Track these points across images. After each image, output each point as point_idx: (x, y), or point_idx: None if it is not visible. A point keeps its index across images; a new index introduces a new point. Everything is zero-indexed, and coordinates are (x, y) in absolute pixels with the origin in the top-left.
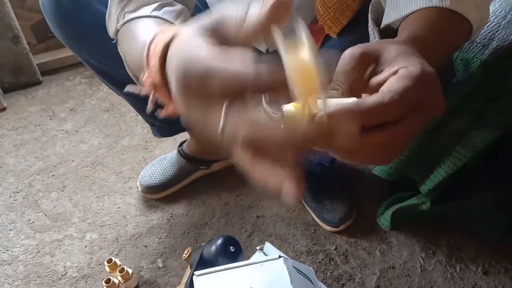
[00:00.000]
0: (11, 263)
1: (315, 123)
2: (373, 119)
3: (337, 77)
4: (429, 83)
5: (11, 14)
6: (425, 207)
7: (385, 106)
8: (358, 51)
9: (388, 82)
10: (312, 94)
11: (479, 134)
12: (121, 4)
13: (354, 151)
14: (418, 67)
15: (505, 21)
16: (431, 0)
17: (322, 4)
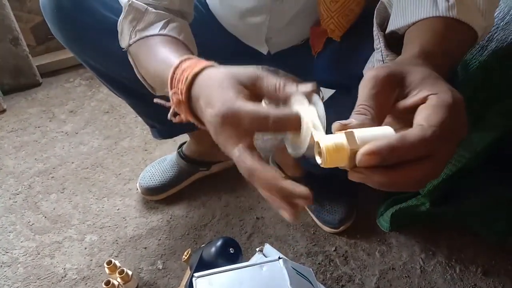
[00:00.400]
0: (10, 265)
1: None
2: (415, 153)
3: (364, 101)
4: (460, 110)
5: (11, 16)
6: (425, 208)
7: (428, 141)
8: (383, 73)
9: (423, 113)
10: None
11: (479, 135)
12: (133, 23)
13: (396, 183)
14: (449, 94)
15: (504, 22)
16: (438, 9)
17: (325, 8)
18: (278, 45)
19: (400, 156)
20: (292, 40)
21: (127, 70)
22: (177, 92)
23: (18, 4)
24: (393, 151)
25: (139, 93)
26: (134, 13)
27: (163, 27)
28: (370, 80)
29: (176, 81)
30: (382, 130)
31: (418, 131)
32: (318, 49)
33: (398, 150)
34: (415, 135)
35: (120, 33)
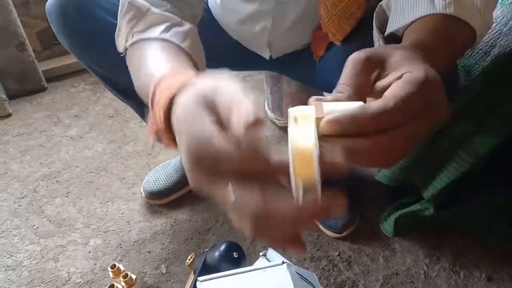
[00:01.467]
0: (15, 268)
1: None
2: (377, 124)
3: (343, 81)
4: (433, 88)
5: (17, 21)
6: (428, 213)
7: (389, 112)
8: (363, 55)
9: (392, 87)
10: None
11: (482, 140)
12: (131, 24)
13: (356, 154)
14: (422, 72)
15: (507, 28)
16: (435, 7)
17: (326, 11)
18: (280, 49)
19: (360, 126)
20: (294, 45)
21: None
22: (156, 118)
23: (24, 10)
24: (353, 120)
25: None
26: (134, 11)
27: (165, 30)
28: (350, 61)
29: (155, 103)
30: (351, 104)
31: (380, 102)
32: (320, 54)
33: (359, 119)
34: (376, 106)
35: (117, 34)
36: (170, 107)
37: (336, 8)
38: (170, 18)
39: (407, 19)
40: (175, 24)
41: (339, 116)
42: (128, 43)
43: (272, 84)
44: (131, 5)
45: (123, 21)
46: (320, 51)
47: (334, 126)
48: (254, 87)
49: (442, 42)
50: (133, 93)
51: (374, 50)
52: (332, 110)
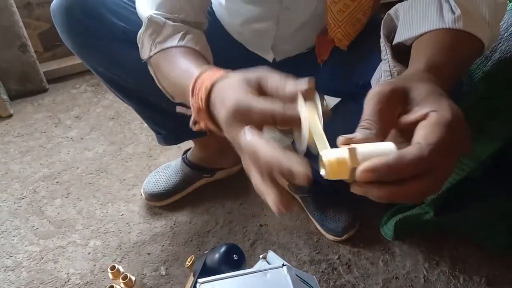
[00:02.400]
0: (14, 269)
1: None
2: (412, 172)
3: (369, 116)
4: (459, 127)
5: (20, 23)
6: (429, 217)
7: (426, 160)
8: (387, 89)
9: (422, 131)
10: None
11: (482, 145)
12: (153, 36)
13: (390, 198)
14: (449, 112)
15: (507, 33)
16: (445, 21)
17: (332, 17)
18: (284, 52)
19: (397, 174)
20: (298, 48)
21: (135, 76)
22: (197, 101)
23: (27, 11)
24: (390, 169)
25: (146, 99)
26: (154, 26)
27: (181, 38)
28: (374, 95)
29: (197, 90)
30: (384, 146)
31: (415, 150)
32: (324, 58)
33: (395, 168)
34: (412, 154)
35: (140, 46)
36: (211, 91)
37: (343, 14)
38: (182, 28)
39: (416, 31)
40: (187, 33)
41: (376, 166)
42: (152, 52)
43: None
44: (151, 21)
45: (145, 35)
46: (324, 55)
47: (371, 175)
48: None
49: (452, 58)
50: (136, 94)
51: (397, 83)
52: (365, 155)
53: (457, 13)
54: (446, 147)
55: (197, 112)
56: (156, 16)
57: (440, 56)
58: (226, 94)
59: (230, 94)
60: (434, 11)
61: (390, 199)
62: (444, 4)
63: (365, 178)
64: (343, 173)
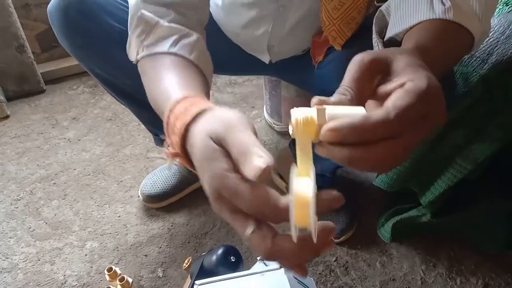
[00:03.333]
0: (10, 271)
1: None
2: (377, 134)
3: (346, 83)
4: (433, 97)
5: (17, 23)
6: (426, 219)
7: (390, 123)
8: (368, 58)
9: (394, 96)
10: (304, 224)
11: (480, 147)
12: (141, 38)
13: (353, 162)
14: (424, 81)
15: (504, 36)
16: (435, 12)
17: (327, 15)
18: (280, 54)
19: (360, 135)
20: (294, 50)
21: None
22: (173, 144)
23: (24, 12)
24: (353, 130)
25: (143, 101)
26: (143, 26)
27: (173, 44)
28: (355, 63)
29: (170, 130)
30: (354, 110)
31: (381, 112)
32: (319, 59)
33: (359, 129)
34: (377, 116)
35: (128, 46)
36: (186, 134)
37: (337, 12)
38: (178, 30)
39: (407, 24)
40: (182, 36)
41: (340, 126)
42: (139, 55)
43: (271, 89)
44: (141, 19)
45: (133, 35)
46: (319, 57)
47: (335, 134)
48: (253, 92)
49: (441, 46)
50: (132, 95)
51: (378, 53)
52: (334, 116)
53: (448, 5)
54: (415, 114)
55: (174, 156)
56: (148, 13)
57: (428, 41)
58: (201, 165)
59: (204, 167)
60: (424, 4)
61: (353, 163)
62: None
63: (329, 138)
64: (310, 131)
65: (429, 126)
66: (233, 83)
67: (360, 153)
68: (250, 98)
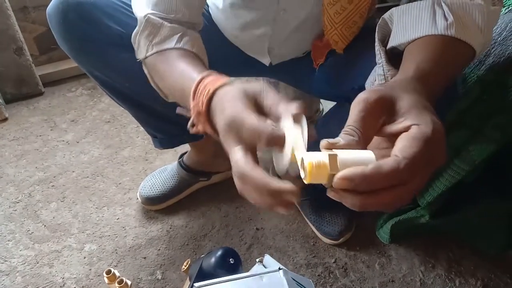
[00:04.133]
0: (9, 274)
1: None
2: (387, 183)
3: (353, 123)
4: (438, 142)
5: (15, 26)
6: (424, 220)
7: (401, 173)
8: (373, 97)
9: (401, 143)
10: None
11: (477, 148)
12: (149, 38)
13: (364, 207)
14: (430, 127)
15: (501, 37)
16: (437, 28)
17: (329, 19)
18: (280, 56)
19: (371, 184)
20: (294, 52)
21: (131, 80)
22: (198, 104)
23: (23, 14)
24: (366, 180)
25: (142, 103)
26: (150, 28)
27: (178, 40)
28: (360, 102)
29: (199, 94)
30: (364, 155)
31: (391, 162)
32: (320, 62)
33: (370, 179)
34: (388, 166)
35: (136, 46)
36: (212, 96)
37: (339, 17)
38: (179, 30)
39: (409, 37)
40: (183, 34)
41: (353, 175)
42: (149, 53)
43: None
44: (148, 22)
45: (142, 36)
46: (320, 59)
47: (348, 183)
48: None
49: (442, 65)
50: (131, 97)
51: (382, 92)
52: (345, 162)
53: (450, 20)
54: (422, 161)
55: (197, 115)
56: (153, 17)
57: (429, 62)
58: (226, 104)
59: (229, 105)
60: (427, 17)
61: (362, 208)
62: (437, 10)
63: (342, 185)
64: (322, 177)
65: (433, 168)
66: None
67: (369, 200)
68: None
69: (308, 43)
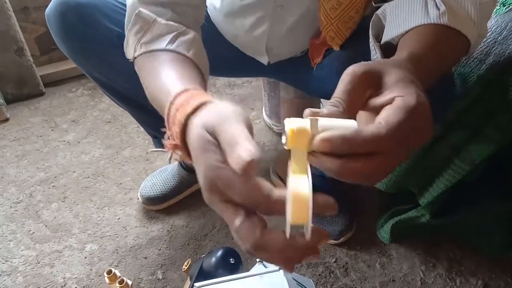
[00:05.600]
0: (10, 274)
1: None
2: (367, 148)
3: (338, 94)
4: (421, 114)
5: (16, 27)
6: (425, 220)
7: (382, 139)
8: (360, 70)
9: (385, 112)
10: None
11: (477, 148)
12: (138, 36)
13: (343, 174)
14: (414, 98)
15: (501, 37)
16: (429, 17)
17: (325, 15)
18: (278, 55)
19: (351, 148)
20: (292, 51)
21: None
22: (173, 135)
23: (23, 15)
24: (344, 142)
25: (142, 103)
26: (141, 23)
27: (171, 41)
28: (348, 75)
29: (171, 119)
30: (346, 122)
31: (373, 128)
32: (318, 61)
33: (350, 142)
34: (369, 132)
35: (125, 44)
36: (186, 126)
37: (335, 12)
38: (175, 28)
39: (402, 29)
40: (180, 34)
41: (332, 137)
42: (136, 53)
43: (270, 90)
44: (138, 16)
45: (131, 33)
46: (317, 58)
47: (327, 145)
48: (251, 94)
49: (435, 52)
50: (131, 98)
51: (371, 65)
52: (326, 127)
53: (442, 9)
54: (404, 131)
55: (174, 148)
56: (146, 11)
57: (422, 47)
58: (197, 155)
59: (199, 157)
60: (419, 8)
61: (341, 175)
62: (429, 2)
63: (321, 147)
64: (303, 141)
65: (417, 141)
66: (232, 85)
67: (349, 165)
68: (249, 99)
69: (306, 41)
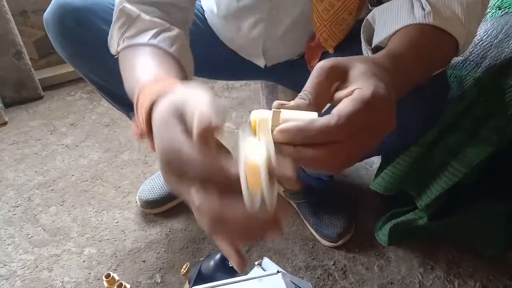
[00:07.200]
0: (8, 278)
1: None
2: (321, 138)
3: (307, 88)
4: (379, 105)
5: (15, 30)
6: (423, 222)
7: (331, 128)
8: (328, 65)
9: (341, 104)
10: (256, 188)
11: (474, 150)
12: (122, 30)
13: (302, 161)
14: (370, 90)
15: (497, 40)
16: (415, 17)
17: (318, 16)
18: (275, 58)
19: (305, 137)
20: (289, 53)
21: None
22: (140, 121)
23: (22, 19)
24: (299, 132)
25: None
26: (125, 18)
27: (154, 36)
28: (316, 69)
29: (140, 108)
30: (307, 114)
31: (324, 119)
32: (314, 63)
33: (303, 132)
34: (321, 121)
35: (109, 38)
36: (151, 112)
37: (328, 13)
38: (159, 24)
39: (390, 31)
40: (164, 30)
41: (288, 128)
42: (119, 47)
43: (268, 93)
44: (122, 12)
45: (115, 27)
46: (314, 61)
47: (284, 135)
48: (250, 96)
49: (416, 50)
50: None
51: (339, 60)
52: (288, 119)
53: (427, 9)
54: (358, 122)
55: (141, 133)
56: (130, 7)
57: (402, 46)
58: (157, 133)
59: (160, 134)
60: (405, 10)
61: (302, 162)
62: (415, 3)
63: (279, 138)
64: (266, 133)
65: (375, 134)
66: (230, 88)
67: (306, 153)
68: (247, 102)
69: (302, 44)
